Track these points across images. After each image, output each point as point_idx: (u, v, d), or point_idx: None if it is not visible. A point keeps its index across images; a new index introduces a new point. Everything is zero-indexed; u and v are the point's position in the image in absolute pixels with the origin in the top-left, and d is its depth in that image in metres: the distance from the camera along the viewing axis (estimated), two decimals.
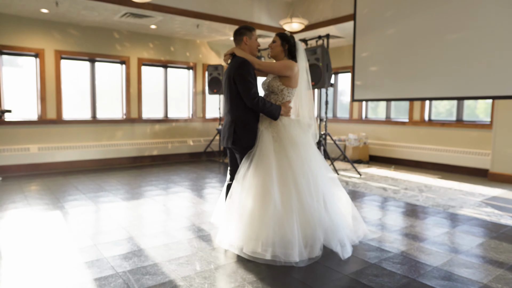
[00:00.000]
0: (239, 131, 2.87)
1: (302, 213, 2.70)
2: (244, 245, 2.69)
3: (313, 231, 2.70)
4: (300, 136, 2.90)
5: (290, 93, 2.97)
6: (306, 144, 2.91)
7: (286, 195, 2.70)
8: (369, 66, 5.82)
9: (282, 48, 2.98)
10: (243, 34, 2.95)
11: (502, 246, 2.99)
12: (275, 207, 2.65)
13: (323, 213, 2.77)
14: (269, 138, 2.85)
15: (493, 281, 2.39)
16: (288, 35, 3.01)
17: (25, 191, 4.80)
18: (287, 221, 2.62)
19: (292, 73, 2.91)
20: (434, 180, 5.73)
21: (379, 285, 2.32)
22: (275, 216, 2.64)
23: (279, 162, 2.78)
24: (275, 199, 2.67)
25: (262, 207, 2.68)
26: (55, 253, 2.78)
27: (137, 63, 7.19)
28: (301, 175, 2.76)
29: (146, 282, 2.32)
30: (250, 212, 2.72)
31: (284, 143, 2.84)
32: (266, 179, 2.73)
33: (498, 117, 5.64)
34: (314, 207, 2.73)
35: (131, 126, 7.21)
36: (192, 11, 6.06)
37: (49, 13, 5.83)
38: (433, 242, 3.08)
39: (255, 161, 2.81)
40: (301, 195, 2.72)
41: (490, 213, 3.93)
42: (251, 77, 2.83)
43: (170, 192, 4.85)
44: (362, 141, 7.48)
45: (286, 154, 2.80)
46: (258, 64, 2.91)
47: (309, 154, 2.88)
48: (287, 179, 2.74)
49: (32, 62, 6.29)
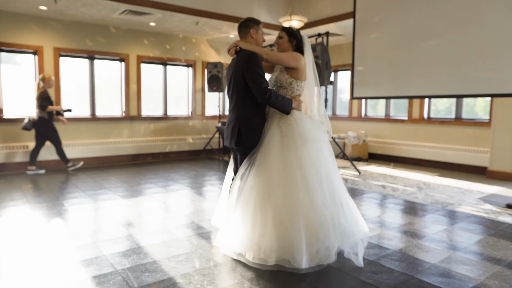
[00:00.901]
0: (245, 130, 2.72)
1: (313, 214, 2.53)
2: (247, 251, 2.57)
3: (326, 235, 2.52)
4: (312, 132, 2.76)
5: (299, 86, 2.83)
6: (318, 140, 2.75)
7: (292, 195, 2.54)
8: (368, 64, 5.81)
9: (290, 44, 2.86)
10: (249, 27, 2.80)
11: (500, 243, 3.01)
12: (278, 210, 2.52)
13: (341, 214, 2.62)
14: (277, 134, 2.70)
15: (491, 278, 2.40)
16: (294, 30, 2.90)
17: (24, 189, 4.80)
18: (292, 224, 2.48)
19: (299, 64, 2.78)
20: (433, 177, 5.74)
21: (378, 282, 2.33)
22: (278, 219, 2.50)
23: (286, 159, 2.62)
24: (277, 201, 2.54)
25: (263, 209, 2.56)
26: (54, 251, 2.79)
27: (136, 61, 7.18)
28: (312, 172, 2.60)
29: (145, 280, 2.33)
30: (251, 215, 2.59)
31: (295, 138, 2.68)
32: (268, 179, 2.59)
33: (497, 115, 5.65)
34: (328, 207, 2.57)
35: (131, 123, 7.21)
36: (191, 8, 6.05)
37: (48, 10, 5.81)
38: (432, 239, 3.09)
39: (258, 160, 2.68)
40: (312, 194, 2.55)
41: (488, 210, 3.95)
42: (261, 70, 2.67)
43: (169, 189, 4.86)
44: (362, 139, 7.49)
45: (296, 150, 2.64)
46: (266, 54, 2.73)
47: (323, 151, 2.74)
48: (294, 178, 2.57)
49: (30, 59, 6.28)
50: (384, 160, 7.43)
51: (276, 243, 2.47)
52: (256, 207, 2.59)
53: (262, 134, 2.77)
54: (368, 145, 7.66)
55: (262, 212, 2.56)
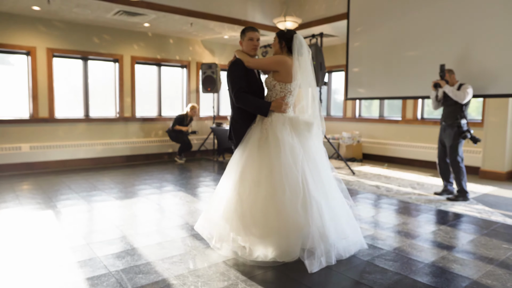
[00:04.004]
0: (233, 129, 2.98)
1: (272, 212, 2.59)
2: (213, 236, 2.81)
3: (280, 233, 2.57)
4: (287, 135, 2.75)
5: (283, 88, 2.84)
6: (292, 144, 2.72)
7: (256, 192, 2.65)
8: (362, 65, 5.85)
9: (279, 45, 2.93)
10: (240, 38, 3.04)
11: (492, 243, 3.03)
12: (242, 202, 2.67)
13: (301, 217, 2.57)
14: (256, 136, 2.82)
15: (483, 277, 2.42)
16: (284, 31, 2.96)
17: (17, 190, 4.76)
18: (252, 217, 2.63)
19: (281, 67, 2.82)
20: (426, 177, 5.78)
21: (371, 282, 2.34)
22: (240, 211, 2.66)
23: (260, 158, 2.73)
24: (244, 194, 2.68)
25: (230, 200, 2.73)
26: (47, 253, 2.77)
27: (130, 62, 7.15)
28: (278, 174, 2.63)
29: (139, 281, 2.32)
30: (221, 204, 2.79)
31: (269, 140, 2.76)
32: (241, 173, 2.73)
33: (489, 116, 5.70)
34: (287, 208, 2.56)
35: (125, 124, 7.18)
36: (185, 9, 6.04)
37: (41, 11, 5.77)
38: (425, 239, 3.11)
39: (236, 155, 2.85)
40: (277, 196, 2.59)
41: (481, 210, 3.98)
42: (236, 77, 2.86)
43: (163, 190, 4.84)
44: (356, 139, 7.52)
45: (268, 152, 2.73)
46: (247, 62, 2.90)
47: (295, 154, 2.69)
48: (262, 177, 2.67)
49: (23, 60, 6.23)
50: (378, 160, 7.47)
51: (235, 231, 2.69)
52: (223, 197, 2.81)
53: (247, 131, 2.92)
54: (362, 146, 7.69)
55: (228, 202, 2.76)
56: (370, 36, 5.71)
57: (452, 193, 4.50)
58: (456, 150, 4.32)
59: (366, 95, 5.88)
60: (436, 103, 4.55)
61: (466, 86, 4.24)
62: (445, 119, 4.42)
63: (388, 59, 5.47)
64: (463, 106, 4.28)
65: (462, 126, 4.25)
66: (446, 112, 4.41)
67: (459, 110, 4.28)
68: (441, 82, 4.32)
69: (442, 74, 4.32)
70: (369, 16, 5.70)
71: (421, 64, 5.07)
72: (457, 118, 4.26)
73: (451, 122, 4.31)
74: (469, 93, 4.19)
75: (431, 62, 4.84)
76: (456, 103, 4.28)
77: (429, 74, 4.78)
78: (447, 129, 4.38)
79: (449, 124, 4.34)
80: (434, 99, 4.53)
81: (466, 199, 4.32)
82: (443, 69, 4.32)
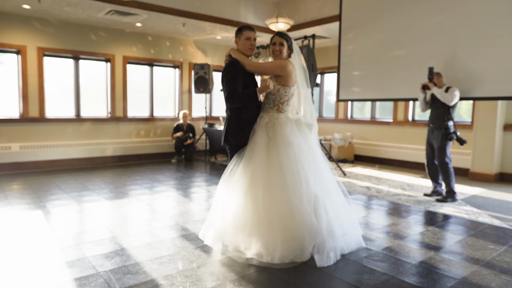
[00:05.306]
0: (229, 129, 2.91)
1: (288, 214, 2.62)
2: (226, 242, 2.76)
3: (299, 234, 2.60)
4: (294, 136, 2.81)
5: (287, 92, 2.86)
6: (300, 144, 2.80)
7: (271, 196, 2.65)
8: (354, 67, 5.88)
9: (289, 51, 2.90)
10: (235, 36, 2.94)
11: (479, 243, 3.07)
12: (257, 208, 2.64)
13: (313, 217, 2.64)
14: (263, 136, 2.80)
15: (469, 277, 2.46)
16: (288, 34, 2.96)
17: (6, 190, 4.71)
18: (268, 221, 2.60)
19: (285, 72, 2.82)
20: (416, 179, 5.83)
21: (359, 282, 2.36)
22: (257, 215, 2.64)
23: (269, 162, 2.73)
24: (258, 200, 2.66)
25: (244, 207, 2.69)
26: (36, 253, 2.75)
27: (122, 61, 7.11)
28: (291, 175, 2.67)
29: (127, 281, 2.32)
30: (233, 212, 2.73)
31: (278, 142, 2.77)
32: (252, 178, 2.71)
33: (478, 118, 5.77)
34: (302, 210, 2.62)
35: (116, 124, 7.14)
36: (177, 10, 6.03)
37: (32, 9, 5.73)
38: (414, 240, 3.14)
39: (244, 158, 2.79)
40: (288, 196, 2.64)
41: (469, 211, 4.03)
42: (232, 78, 2.79)
43: (155, 191, 4.83)
44: (348, 141, 7.56)
45: (277, 154, 2.73)
46: (248, 65, 2.86)
47: (303, 155, 2.77)
48: (274, 180, 2.68)
49: (13, 59, 6.17)
50: (369, 161, 7.52)
51: (254, 237, 2.63)
52: (238, 204, 2.73)
53: (250, 134, 2.88)
54: (354, 147, 7.74)
55: (243, 209, 2.70)
56: (362, 38, 5.75)
57: (441, 194, 4.56)
58: (444, 152, 4.37)
59: (358, 96, 5.92)
60: (424, 105, 4.61)
61: (453, 88, 4.30)
62: (432, 121, 4.48)
63: (380, 61, 5.51)
64: (450, 109, 4.34)
65: (449, 128, 4.31)
66: (434, 114, 4.47)
67: (446, 112, 4.34)
68: (429, 84, 4.38)
69: (430, 76, 4.38)
70: (361, 18, 5.74)
71: (411, 66, 5.12)
72: (445, 120, 4.33)
73: (439, 124, 4.37)
74: (456, 96, 4.26)
75: (421, 65, 4.89)
76: (443, 106, 4.34)
77: (420, 76, 4.82)
78: (434, 131, 4.44)
79: (437, 126, 4.40)
80: (422, 101, 4.59)
81: (455, 200, 4.38)
82: (432, 71, 4.37)
